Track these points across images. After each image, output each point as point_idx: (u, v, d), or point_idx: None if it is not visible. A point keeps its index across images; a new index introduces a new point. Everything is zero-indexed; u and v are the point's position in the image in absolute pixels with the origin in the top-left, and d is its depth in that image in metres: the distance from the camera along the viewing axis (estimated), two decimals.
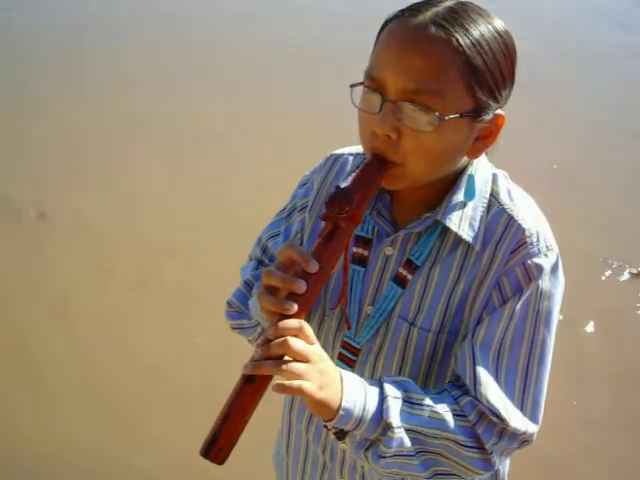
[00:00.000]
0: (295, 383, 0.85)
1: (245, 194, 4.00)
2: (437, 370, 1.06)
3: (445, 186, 1.04)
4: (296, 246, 0.91)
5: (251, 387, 0.82)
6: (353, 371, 1.05)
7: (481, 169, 1.05)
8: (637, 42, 7.26)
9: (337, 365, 0.96)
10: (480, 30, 0.92)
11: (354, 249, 1.09)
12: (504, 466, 1.23)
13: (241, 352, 1.22)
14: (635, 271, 3.71)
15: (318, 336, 1.14)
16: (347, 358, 1.10)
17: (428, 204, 1.04)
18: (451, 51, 0.90)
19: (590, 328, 3.25)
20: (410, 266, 1.04)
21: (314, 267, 0.88)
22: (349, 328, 1.08)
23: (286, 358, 0.85)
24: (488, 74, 0.93)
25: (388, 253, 1.07)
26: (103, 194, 4.03)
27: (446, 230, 1.03)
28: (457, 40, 0.90)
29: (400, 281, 1.05)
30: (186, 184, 4.13)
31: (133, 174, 4.22)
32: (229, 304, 1.21)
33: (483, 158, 1.07)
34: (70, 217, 3.78)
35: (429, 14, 0.92)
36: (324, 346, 1.13)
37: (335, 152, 1.19)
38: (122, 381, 2.74)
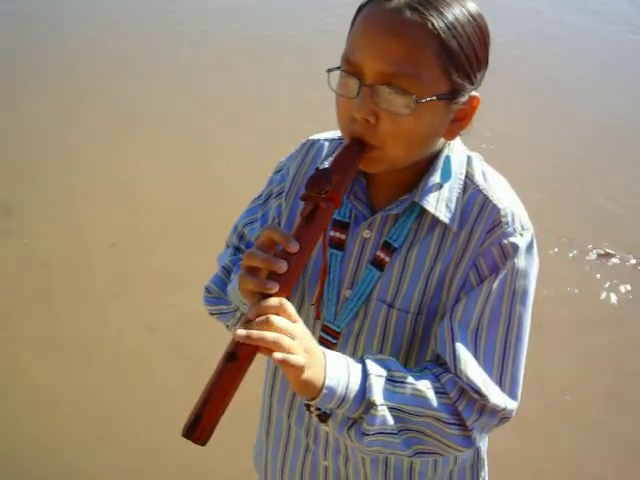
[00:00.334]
0: (297, 359, 0.85)
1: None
2: (417, 351, 1.08)
3: (421, 168, 1.05)
4: (277, 227, 0.92)
5: (233, 366, 0.82)
6: None
7: (456, 151, 1.07)
8: None
9: None
10: (454, 13, 0.93)
11: (331, 233, 1.10)
12: (484, 444, 1.26)
13: None
14: (602, 252, 3.79)
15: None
16: (327, 341, 1.11)
17: (405, 186, 1.05)
18: (427, 34, 0.91)
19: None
20: (388, 248, 1.06)
21: (295, 247, 0.89)
22: (317, 317, 1.10)
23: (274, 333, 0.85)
24: (463, 57, 0.94)
25: (366, 236, 1.08)
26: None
27: (423, 212, 1.04)
28: (432, 24, 0.91)
29: (378, 264, 1.06)
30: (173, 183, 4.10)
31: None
32: (207, 290, 1.22)
33: (458, 140, 1.09)
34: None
35: None
36: None
37: (311, 137, 1.20)
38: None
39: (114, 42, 5.85)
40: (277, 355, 0.84)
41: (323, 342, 1.11)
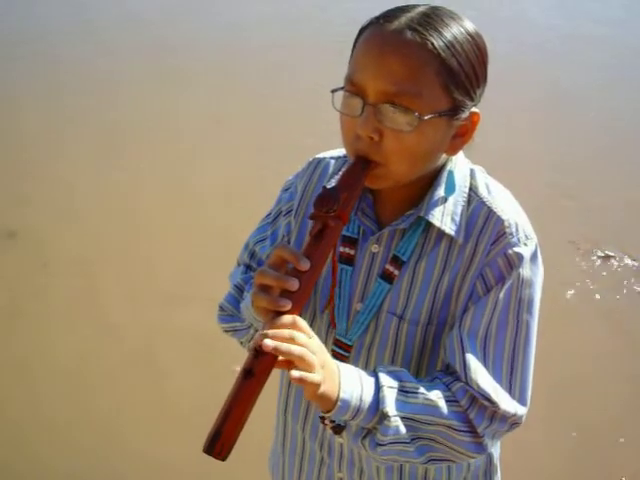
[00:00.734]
0: (313, 377, 0.88)
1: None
2: (427, 361, 1.10)
3: (426, 183, 1.08)
4: (287, 246, 0.95)
5: (250, 382, 0.84)
6: None
7: (459, 165, 1.10)
8: None
9: None
10: (453, 33, 0.97)
11: (341, 249, 1.12)
12: (496, 450, 1.28)
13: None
14: (603, 254, 3.81)
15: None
16: (340, 355, 1.13)
17: (410, 201, 1.08)
18: (427, 54, 0.94)
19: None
20: (396, 262, 1.08)
21: (305, 265, 0.91)
22: (334, 327, 1.12)
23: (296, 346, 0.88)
24: (463, 74, 0.97)
25: (374, 250, 1.10)
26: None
27: (429, 225, 1.06)
28: (432, 43, 0.94)
29: (387, 277, 1.09)
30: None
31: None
32: (221, 308, 1.24)
33: (461, 154, 1.11)
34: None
35: (404, 19, 0.96)
36: None
37: (317, 156, 1.22)
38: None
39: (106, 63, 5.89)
40: (295, 374, 0.86)
41: (336, 355, 1.13)
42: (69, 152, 4.59)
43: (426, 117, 0.95)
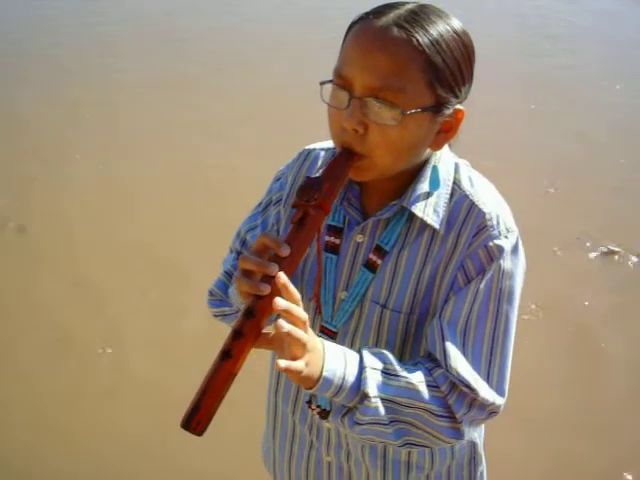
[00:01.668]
0: (297, 366, 0.91)
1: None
2: (410, 349, 1.13)
3: (410, 176, 1.10)
4: (269, 234, 0.98)
5: (228, 362, 0.88)
6: None
7: (444, 159, 1.12)
8: None
9: None
10: (439, 30, 0.99)
11: (326, 238, 1.15)
12: (480, 438, 1.31)
13: None
14: (605, 249, 3.80)
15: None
16: None
17: (395, 193, 1.11)
18: (412, 50, 0.96)
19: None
20: (380, 251, 1.11)
21: (286, 251, 0.94)
22: (322, 317, 1.15)
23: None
24: (447, 71, 0.99)
25: (359, 240, 1.13)
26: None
27: (412, 216, 1.09)
28: (417, 40, 0.96)
29: (371, 266, 1.12)
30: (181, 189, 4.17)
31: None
32: (211, 293, 1.28)
33: (446, 149, 1.14)
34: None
35: (391, 16, 0.98)
36: None
37: (307, 147, 1.25)
38: None
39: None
40: (281, 363, 0.89)
41: None
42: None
43: (409, 112, 0.97)
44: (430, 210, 1.08)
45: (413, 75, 0.97)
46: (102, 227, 3.82)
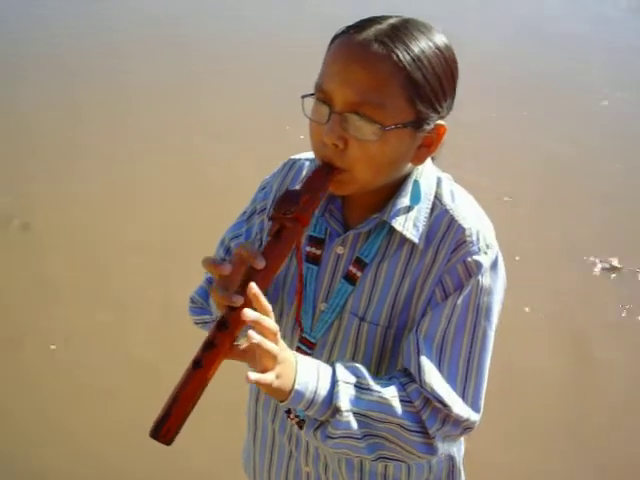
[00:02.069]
0: (266, 378, 0.91)
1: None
2: (387, 363, 1.13)
3: (392, 190, 1.10)
4: (247, 245, 0.97)
5: (198, 372, 0.88)
6: None
7: (426, 173, 1.12)
8: None
9: None
10: (420, 46, 0.98)
11: (307, 248, 1.16)
12: (459, 452, 1.31)
13: None
14: (608, 265, 3.80)
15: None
16: (303, 352, 1.16)
17: (376, 207, 1.11)
18: (392, 66, 0.96)
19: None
20: (359, 264, 1.11)
21: (261, 264, 0.93)
22: (301, 330, 1.15)
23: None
24: (428, 87, 0.99)
25: (339, 252, 1.13)
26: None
27: (392, 230, 1.09)
28: (397, 56, 0.96)
29: (350, 278, 1.12)
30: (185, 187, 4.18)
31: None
32: (192, 300, 1.28)
33: (429, 163, 1.14)
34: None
35: (372, 31, 0.98)
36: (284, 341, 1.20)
37: (293, 157, 1.25)
38: None
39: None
40: (251, 376, 0.88)
41: (299, 352, 1.16)
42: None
43: (389, 128, 0.97)
44: (410, 224, 1.08)
45: (393, 91, 0.97)
46: (105, 226, 3.84)
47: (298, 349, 1.17)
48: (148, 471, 2.43)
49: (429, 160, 1.14)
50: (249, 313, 0.88)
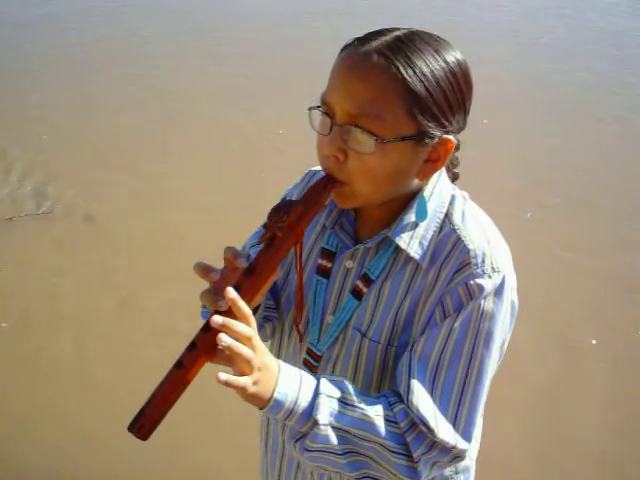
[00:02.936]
0: (239, 381, 0.90)
1: None
2: (389, 382, 1.10)
3: (400, 205, 1.08)
4: (233, 248, 0.99)
5: (179, 373, 0.89)
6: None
7: (439, 190, 1.09)
8: None
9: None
10: (424, 59, 0.96)
11: (319, 261, 1.16)
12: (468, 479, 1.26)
13: None
14: None
15: (288, 343, 1.21)
16: (310, 364, 1.16)
17: (385, 222, 1.09)
18: (391, 78, 0.95)
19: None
20: (366, 280, 1.10)
21: (242, 264, 0.96)
22: (300, 339, 1.15)
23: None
24: (430, 100, 0.96)
25: (348, 266, 1.12)
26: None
27: (399, 247, 1.07)
28: (397, 68, 0.95)
29: (357, 294, 1.11)
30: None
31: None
32: (204, 305, 1.28)
33: (444, 179, 1.11)
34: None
35: (375, 43, 0.97)
36: (293, 353, 1.20)
37: (312, 168, 1.26)
38: None
39: None
40: (222, 377, 0.88)
41: (306, 364, 1.17)
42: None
43: (386, 140, 0.96)
44: (415, 243, 1.06)
45: (392, 103, 0.95)
46: (162, 216, 3.96)
47: (305, 361, 1.17)
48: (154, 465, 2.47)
49: (444, 177, 1.11)
50: (216, 318, 0.89)
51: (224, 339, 0.88)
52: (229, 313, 0.91)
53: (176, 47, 6.72)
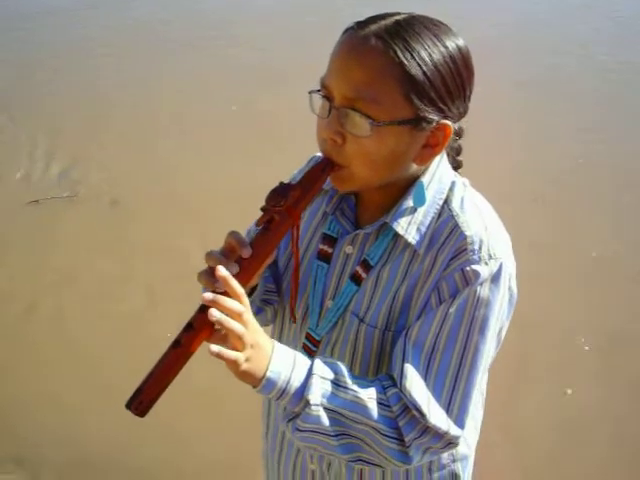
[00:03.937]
0: (230, 354, 0.91)
1: None
2: (386, 367, 1.10)
3: (399, 191, 1.08)
4: (236, 233, 0.99)
5: (176, 351, 0.91)
6: None
7: (439, 176, 1.08)
8: None
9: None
10: (422, 43, 0.96)
11: (320, 246, 1.16)
12: (464, 470, 1.25)
13: None
14: None
15: (289, 327, 1.22)
16: (309, 348, 1.17)
17: (385, 208, 1.09)
18: (387, 61, 0.94)
19: None
20: (366, 265, 1.10)
21: (247, 252, 0.96)
22: (294, 321, 1.16)
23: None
24: (428, 84, 0.96)
25: (348, 251, 1.13)
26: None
27: (397, 233, 1.07)
28: (394, 51, 0.94)
29: (356, 279, 1.11)
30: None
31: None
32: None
33: (444, 165, 1.10)
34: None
35: (374, 27, 0.97)
36: (293, 337, 1.20)
37: (318, 154, 1.25)
38: None
39: None
40: (213, 348, 0.90)
41: (305, 349, 1.17)
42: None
43: (382, 124, 0.96)
44: (413, 229, 1.06)
45: (388, 87, 0.95)
46: (182, 202, 4.00)
47: (304, 345, 1.17)
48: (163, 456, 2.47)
49: (445, 163, 1.10)
50: (207, 295, 0.90)
51: (214, 314, 0.89)
52: (225, 294, 0.92)
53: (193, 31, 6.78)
